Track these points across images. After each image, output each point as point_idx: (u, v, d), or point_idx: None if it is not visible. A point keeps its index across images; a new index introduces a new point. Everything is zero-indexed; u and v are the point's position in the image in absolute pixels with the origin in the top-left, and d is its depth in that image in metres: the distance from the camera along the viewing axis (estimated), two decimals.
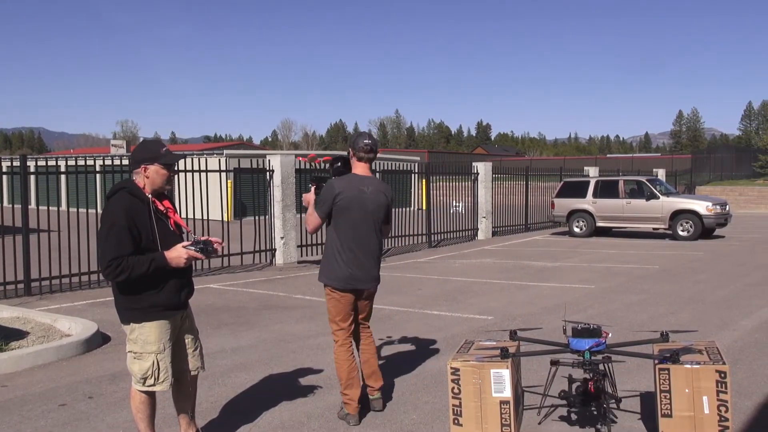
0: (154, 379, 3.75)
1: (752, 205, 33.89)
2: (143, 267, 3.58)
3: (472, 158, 69.46)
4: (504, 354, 4.26)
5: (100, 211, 3.99)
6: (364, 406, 4.83)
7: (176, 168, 3.93)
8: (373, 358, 4.90)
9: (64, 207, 10.09)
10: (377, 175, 4.20)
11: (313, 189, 4.75)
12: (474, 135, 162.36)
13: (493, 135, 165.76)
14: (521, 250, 16.27)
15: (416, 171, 21.67)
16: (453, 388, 4.25)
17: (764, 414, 4.77)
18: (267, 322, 8.03)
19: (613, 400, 4.44)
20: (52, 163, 16.01)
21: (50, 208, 10.28)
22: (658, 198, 18.25)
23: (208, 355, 5.42)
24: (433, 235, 17.29)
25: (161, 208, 3.80)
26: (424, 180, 18.36)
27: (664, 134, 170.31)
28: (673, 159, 54.23)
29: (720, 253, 14.77)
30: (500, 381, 4.18)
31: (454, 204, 19.51)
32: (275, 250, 13.27)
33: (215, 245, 3.80)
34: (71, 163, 11.11)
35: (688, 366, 3.98)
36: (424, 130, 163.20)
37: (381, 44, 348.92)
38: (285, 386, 5.52)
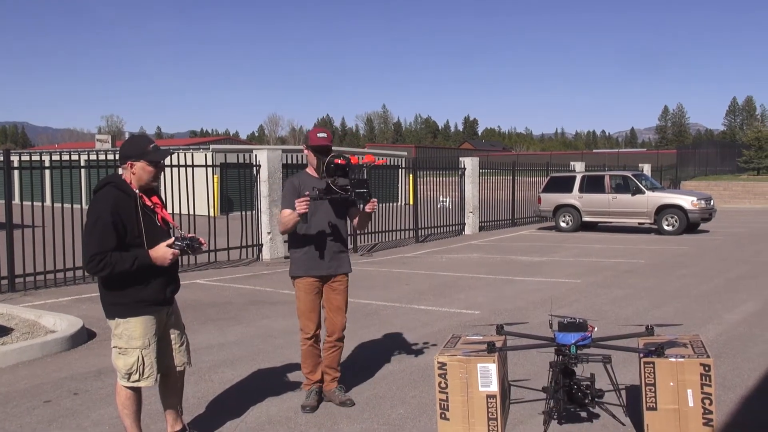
0: (139, 374, 3.74)
1: (736, 199, 34.17)
2: (126, 264, 3.58)
3: (459, 153, 69.53)
4: (491, 348, 4.27)
5: (85, 206, 3.96)
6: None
7: (163, 164, 3.90)
8: None
9: (48, 202, 10.00)
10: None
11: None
12: (461, 130, 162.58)
13: (480, 130, 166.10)
14: (508, 244, 16.32)
15: (403, 166, 21.62)
16: (440, 383, 4.26)
17: (747, 406, 4.82)
18: (254, 318, 8.01)
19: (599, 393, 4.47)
20: (36, 158, 15.88)
21: (34, 203, 10.19)
22: (644, 193, 18.37)
23: (195, 351, 5.39)
24: (420, 230, 17.30)
25: (148, 203, 3.79)
26: (411, 175, 18.34)
27: (650, 129, 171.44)
28: (658, 154, 54.56)
29: (705, 248, 14.89)
30: (487, 375, 4.19)
31: (441, 199, 19.55)
32: (262, 245, 13.23)
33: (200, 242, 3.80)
34: (56, 158, 11.02)
35: (673, 359, 4.01)
36: (411, 125, 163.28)
37: (368, 39, 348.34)
38: (272, 381, 5.51)
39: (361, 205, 4.66)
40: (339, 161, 4.61)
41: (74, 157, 10.95)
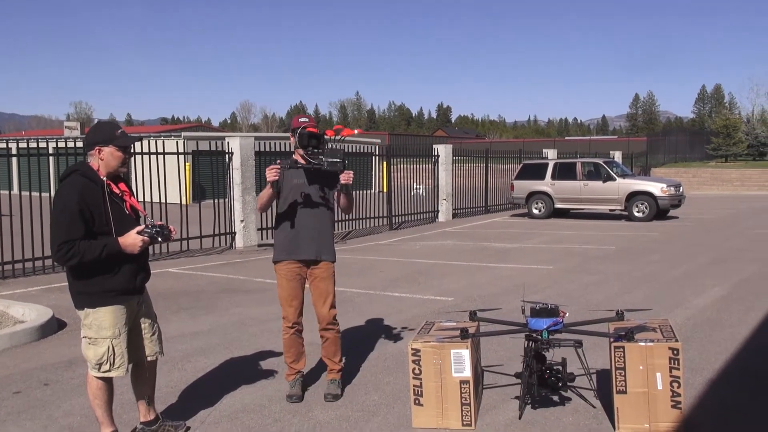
0: (110, 364, 3.70)
1: (705, 186, 34.74)
2: (95, 252, 3.53)
3: (433, 140, 69.56)
4: (464, 334, 4.30)
5: (53, 194, 3.91)
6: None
7: (131, 150, 3.86)
8: None
9: (15, 191, 9.82)
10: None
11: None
12: (435, 117, 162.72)
13: (453, 117, 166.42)
14: (481, 231, 16.41)
15: (377, 153, 21.60)
16: (414, 369, 4.28)
17: (714, 389, 4.92)
18: (227, 306, 7.97)
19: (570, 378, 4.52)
20: (2, 145, 15.61)
21: (1, 192, 10.00)
22: (615, 180, 18.58)
23: (167, 340, 5.35)
24: (394, 218, 17.32)
25: (116, 191, 3.74)
26: (384, 162, 18.35)
27: (621, 117, 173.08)
28: (629, 141, 55.21)
29: (674, 234, 15.11)
30: (460, 361, 4.22)
31: (415, 186, 19.57)
32: (235, 233, 13.14)
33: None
34: (23, 145, 10.83)
35: (643, 344, 4.07)
36: (385, 113, 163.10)
37: (341, 26, 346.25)
38: (245, 370, 5.49)
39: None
40: (311, 129, 4.54)
41: (42, 144, 10.77)
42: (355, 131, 4.96)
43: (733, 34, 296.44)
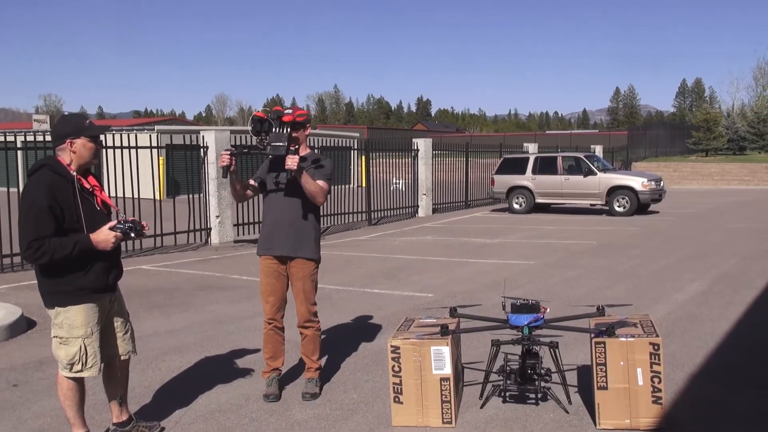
0: (82, 364, 3.61)
1: (686, 180, 35.07)
2: (66, 249, 3.43)
3: (413, 134, 69.65)
4: (444, 331, 4.25)
5: (21, 190, 3.78)
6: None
7: (101, 140, 3.76)
8: None
9: None
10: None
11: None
12: (414, 111, 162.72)
13: (433, 111, 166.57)
14: (461, 226, 16.40)
15: (355, 147, 21.47)
16: (393, 366, 4.21)
17: (695, 384, 4.91)
18: (202, 303, 7.84)
19: (550, 375, 4.49)
20: None
21: None
22: (596, 174, 18.65)
23: (141, 339, 5.25)
24: (373, 213, 17.24)
25: (87, 186, 3.64)
26: (363, 157, 18.25)
27: (602, 111, 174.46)
28: (610, 135, 55.52)
29: (654, 229, 15.19)
30: (440, 358, 4.16)
31: (395, 181, 19.53)
32: (210, 229, 12.97)
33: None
34: None
35: (623, 339, 4.04)
36: (364, 106, 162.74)
37: (319, 17, 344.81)
38: (222, 368, 5.39)
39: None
40: (258, 114, 4.40)
41: (10, 138, 10.55)
42: (301, 110, 4.77)
43: (713, 28, 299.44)
